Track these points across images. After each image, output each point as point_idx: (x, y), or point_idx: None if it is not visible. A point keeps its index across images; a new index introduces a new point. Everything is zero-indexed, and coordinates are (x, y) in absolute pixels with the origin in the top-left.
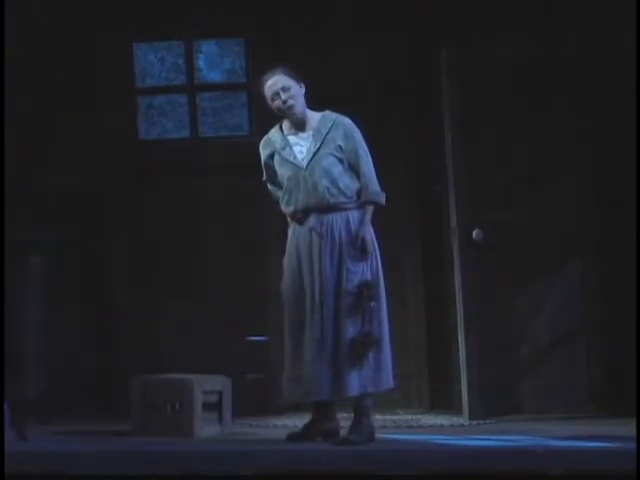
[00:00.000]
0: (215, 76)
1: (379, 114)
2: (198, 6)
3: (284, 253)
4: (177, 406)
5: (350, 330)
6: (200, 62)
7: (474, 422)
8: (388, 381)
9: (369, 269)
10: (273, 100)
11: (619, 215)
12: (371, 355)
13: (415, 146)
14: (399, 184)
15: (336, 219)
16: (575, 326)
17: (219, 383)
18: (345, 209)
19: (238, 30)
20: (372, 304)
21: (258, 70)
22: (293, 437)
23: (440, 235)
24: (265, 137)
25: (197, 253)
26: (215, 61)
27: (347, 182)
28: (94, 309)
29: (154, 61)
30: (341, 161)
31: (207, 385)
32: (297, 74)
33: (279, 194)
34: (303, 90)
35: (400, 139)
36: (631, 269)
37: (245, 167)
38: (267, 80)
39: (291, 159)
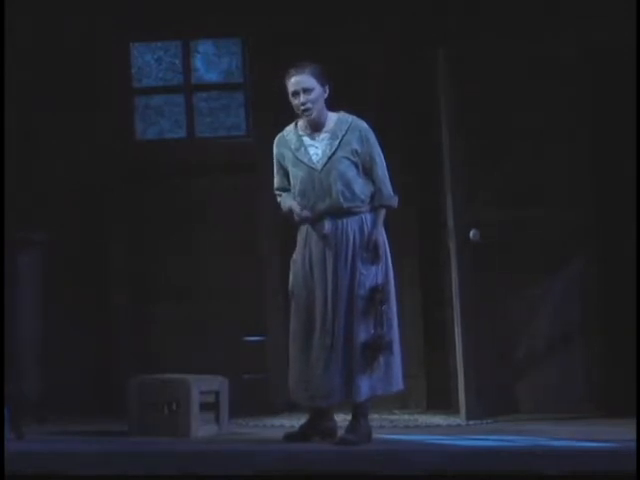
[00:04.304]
0: (212, 76)
1: (377, 114)
2: (195, 6)
3: (282, 253)
4: (174, 406)
5: (362, 334)
6: (197, 62)
7: (471, 422)
8: (398, 383)
9: (381, 272)
10: (292, 97)
11: (618, 215)
12: (381, 358)
13: (414, 146)
14: (397, 184)
15: (351, 223)
16: (574, 326)
17: (216, 383)
18: (359, 212)
19: (235, 30)
20: (383, 307)
21: (255, 70)
22: (290, 437)
23: (438, 235)
24: (280, 135)
25: (194, 253)
26: (212, 61)
27: (361, 186)
28: (93, 309)
29: (151, 61)
30: (356, 165)
31: (204, 385)
32: (324, 76)
33: (288, 203)
34: (326, 93)
35: (398, 139)
36: (631, 269)
37: (242, 167)
38: (292, 75)
39: (305, 160)
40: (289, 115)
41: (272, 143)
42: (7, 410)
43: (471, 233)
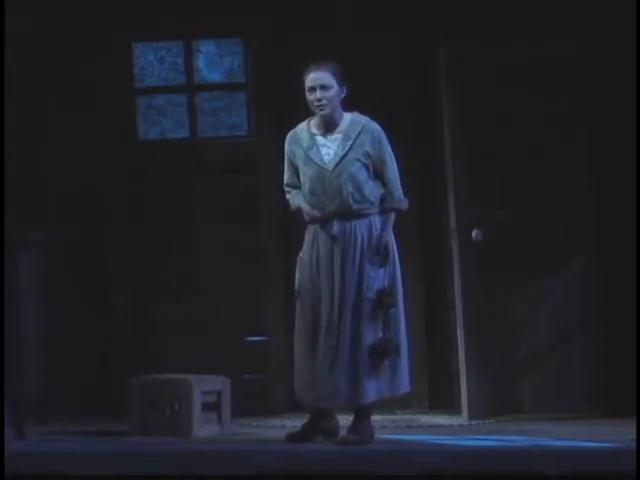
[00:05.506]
0: (214, 76)
1: (377, 114)
2: (197, 6)
3: (283, 253)
4: (176, 406)
5: (370, 337)
6: (199, 62)
7: (473, 422)
8: (405, 385)
9: (389, 275)
10: (309, 92)
11: (618, 215)
12: (389, 361)
13: (415, 146)
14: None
15: (359, 225)
16: (574, 326)
17: (218, 383)
18: (368, 215)
19: (237, 30)
20: (392, 310)
21: (257, 70)
22: (292, 437)
23: (439, 235)
24: (292, 132)
25: (195, 253)
26: (214, 61)
27: (371, 188)
28: (93, 309)
29: (153, 61)
30: (367, 167)
31: (206, 385)
32: (343, 76)
33: (297, 202)
34: (343, 94)
35: (398, 139)
36: (630, 269)
37: (244, 167)
38: (312, 71)
39: (317, 160)
40: (291, 115)
41: (274, 143)
42: (6, 408)
43: (473, 233)
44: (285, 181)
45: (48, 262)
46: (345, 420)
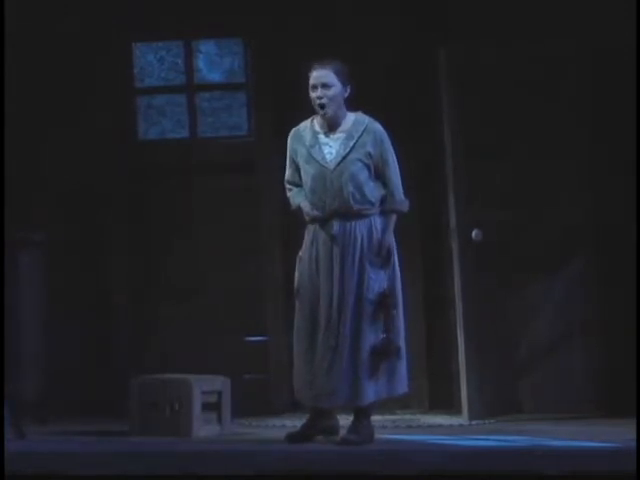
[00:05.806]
0: (214, 76)
1: (377, 114)
2: (197, 6)
3: (283, 253)
4: (176, 406)
5: (371, 339)
6: (199, 62)
7: (473, 422)
8: (403, 386)
9: (389, 277)
10: (311, 90)
11: (618, 215)
12: (388, 362)
13: (414, 146)
14: None
15: (359, 226)
16: (574, 326)
17: (218, 383)
18: (368, 215)
19: (237, 30)
20: (393, 312)
21: (257, 70)
22: (292, 438)
23: (440, 235)
24: (295, 129)
25: (195, 253)
26: (214, 61)
27: (371, 189)
28: (93, 309)
29: (153, 61)
30: (368, 167)
31: (206, 385)
32: (347, 75)
33: (298, 201)
34: (347, 93)
35: (398, 139)
36: (630, 269)
37: (244, 167)
38: (315, 69)
39: (319, 159)
40: (291, 115)
41: (274, 143)
42: (6, 408)
43: (473, 233)
44: (286, 178)
45: (48, 262)
46: (345, 420)
